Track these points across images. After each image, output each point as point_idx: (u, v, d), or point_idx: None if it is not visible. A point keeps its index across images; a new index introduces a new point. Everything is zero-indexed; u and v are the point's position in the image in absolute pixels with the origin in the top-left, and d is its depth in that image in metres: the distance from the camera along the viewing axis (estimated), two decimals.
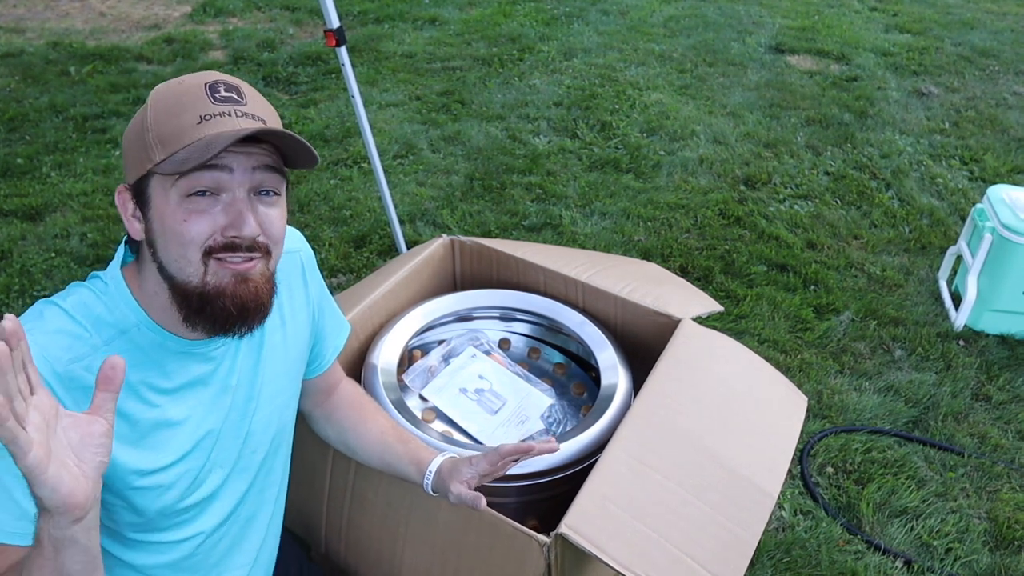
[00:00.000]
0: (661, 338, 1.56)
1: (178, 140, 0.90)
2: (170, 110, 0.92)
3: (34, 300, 2.74)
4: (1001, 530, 2.08)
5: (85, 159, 3.62)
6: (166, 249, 0.94)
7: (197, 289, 0.94)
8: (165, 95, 0.94)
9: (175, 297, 0.95)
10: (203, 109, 0.91)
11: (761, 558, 1.96)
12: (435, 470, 1.17)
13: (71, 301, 0.97)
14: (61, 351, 0.92)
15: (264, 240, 0.96)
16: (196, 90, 0.93)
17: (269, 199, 0.96)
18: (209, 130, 0.90)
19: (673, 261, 3.04)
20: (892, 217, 3.40)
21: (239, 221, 0.93)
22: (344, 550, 1.42)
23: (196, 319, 0.95)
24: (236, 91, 0.95)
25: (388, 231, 3.04)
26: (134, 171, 0.95)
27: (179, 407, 1.02)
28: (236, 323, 0.96)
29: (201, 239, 0.92)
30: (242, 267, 0.94)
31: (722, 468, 1.31)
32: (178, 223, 0.91)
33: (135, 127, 0.95)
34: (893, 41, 5.25)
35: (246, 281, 0.95)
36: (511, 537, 1.18)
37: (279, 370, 1.15)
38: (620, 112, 4.17)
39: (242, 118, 0.92)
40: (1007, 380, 2.56)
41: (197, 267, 0.93)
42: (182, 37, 4.97)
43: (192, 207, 0.91)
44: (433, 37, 5.11)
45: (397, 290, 1.70)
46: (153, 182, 0.93)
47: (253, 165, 0.93)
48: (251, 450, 1.13)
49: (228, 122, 0.91)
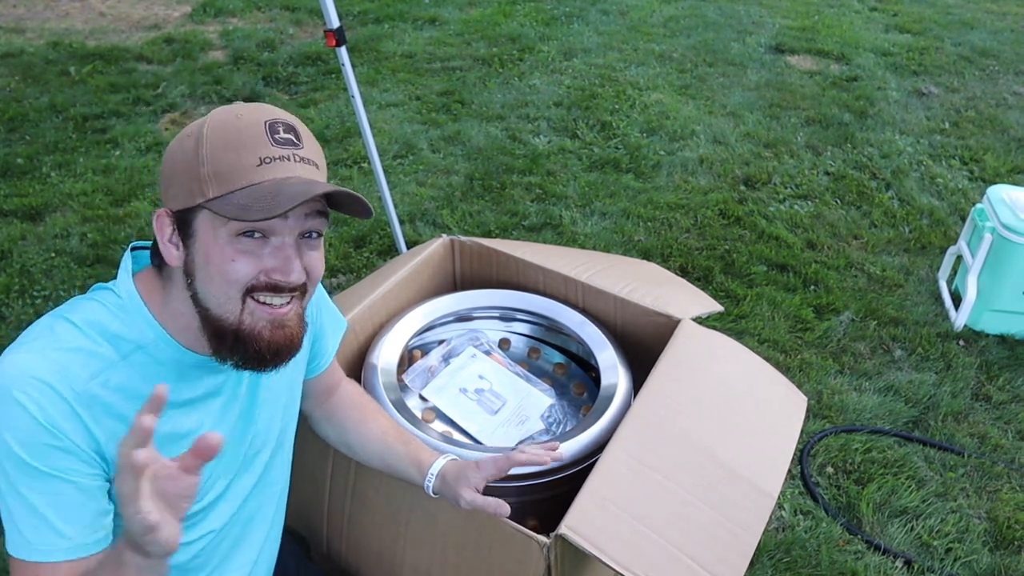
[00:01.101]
0: (661, 338, 1.56)
1: (236, 179, 0.89)
2: (229, 145, 0.90)
3: (34, 300, 2.75)
4: (1001, 530, 2.08)
5: (85, 159, 3.62)
6: (207, 283, 0.93)
7: (232, 327, 0.94)
8: (223, 128, 0.92)
9: (207, 329, 0.95)
10: (263, 151, 0.90)
11: (761, 558, 1.96)
12: (437, 473, 1.17)
13: (82, 316, 0.95)
14: (79, 369, 0.92)
15: (304, 282, 0.96)
16: (255, 127, 0.91)
17: (313, 241, 0.97)
18: (269, 174, 0.90)
19: (673, 261, 3.04)
20: (892, 217, 3.40)
21: (287, 267, 0.93)
22: (345, 549, 1.42)
23: (227, 354, 0.96)
24: (294, 132, 0.94)
25: (388, 231, 3.04)
26: (180, 200, 0.93)
27: (190, 418, 1.02)
28: (268, 364, 0.97)
29: (244, 280, 0.92)
30: (280, 312, 0.95)
31: (722, 468, 1.31)
32: (225, 262, 0.91)
33: (186, 155, 0.92)
34: (893, 41, 5.25)
35: (283, 327, 0.96)
36: (511, 537, 1.18)
37: (281, 373, 1.15)
38: (620, 112, 4.17)
39: (299, 163, 0.92)
40: (1007, 380, 2.56)
41: (236, 304, 0.93)
42: (182, 37, 4.97)
43: (241, 247, 0.91)
44: (433, 37, 5.11)
45: (397, 290, 1.70)
46: (202, 216, 0.92)
47: (306, 212, 0.93)
48: (255, 452, 1.14)
49: (287, 167, 0.91)
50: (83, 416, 0.90)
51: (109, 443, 0.93)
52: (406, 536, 1.33)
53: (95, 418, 0.92)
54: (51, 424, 0.88)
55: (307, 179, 0.92)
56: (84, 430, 0.91)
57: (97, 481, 0.93)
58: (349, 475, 1.38)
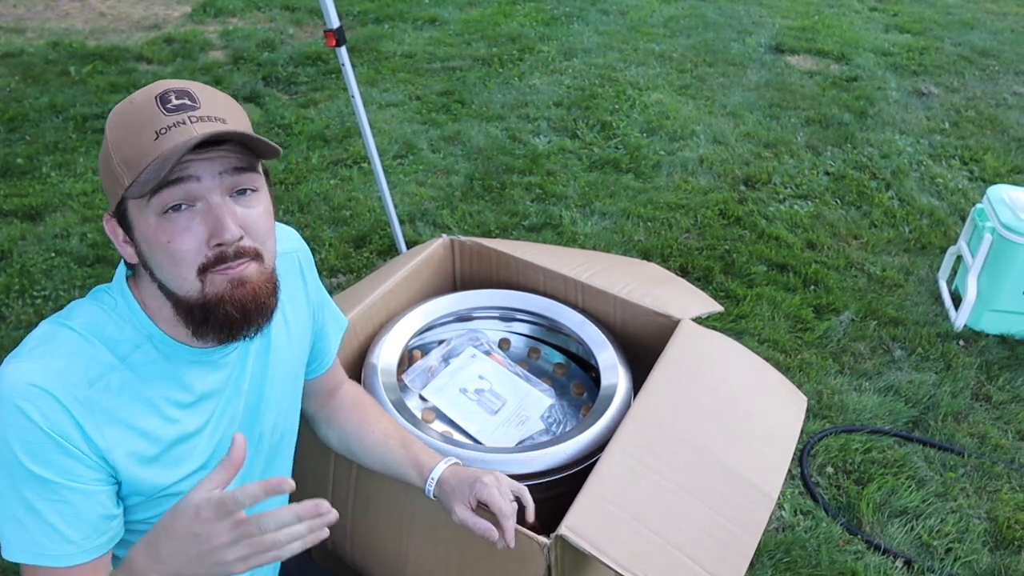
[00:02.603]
0: (661, 338, 1.56)
1: (140, 160, 0.88)
2: (127, 131, 0.90)
3: (34, 300, 2.75)
4: (1001, 530, 2.08)
5: (85, 159, 3.62)
6: (161, 269, 0.93)
7: (198, 302, 0.93)
8: (120, 117, 0.92)
9: (179, 312, 0.95)
10: (157, 123, 0.89)
11: (761, 558, 1.96)
12: (437, 477, 1.17)
13: (80, 321, 0.96)
14: (79, 375, 0.92)
15: (250, 243, 0.94)
16: (148, 106, 0.90)
17: (247, 198, 0.94)
18: (166, 144, 0.87)
19: (673, 261, 3.04)
20: (892, 217, 3.40)
21: (219, 228, 0.90)
22: (351, 548, 1.42)
23: (203, 330, 0.95)
24: (188, 96, 0.91)
25: (388, 231, 3.04)
26: (112, 198, 0.94)
27: (197, 418, 1.02)
28: (241, 326, 0.96)
29: (191, 256, 0.91)
30: (236, 271, 0.93)
31: (722, 469, 1.31)
32: (163, 243, 0.91)
33: (103, 155, 0.93)
34: (893, 41, 5.25)
35: (243, 284, 0.94)
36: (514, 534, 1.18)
37: (285, 371, 1.15)
38: (620, 112, 4.17)
39: (198, 123, 0.89)
40: (1007, 380, 2.56)
41: (194, 283, 0.92)
42: (182, 37, 4.97)
43: (171, 225, 0.90)
44: (433, 37, 5.11)
45: (397, 290, 1.70)
46: (130, 206, 0.92)
47: (219, 170, 0.91)
48: (260, 452, 1.14)
49: (183, 131, 0.88)
50: (85, 423, 0.91)
51: (112, 448, 0.93)
52: (410, 536, 1.33)
53: (97, 424, 0.92)
54: (55, 431, 0.89)
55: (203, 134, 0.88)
56: (87, 436, 0.91)
57: (102, 486, 0.93)
58: (351, 476, 1.38)
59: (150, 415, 0.97)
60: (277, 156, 0.96)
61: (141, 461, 0.96)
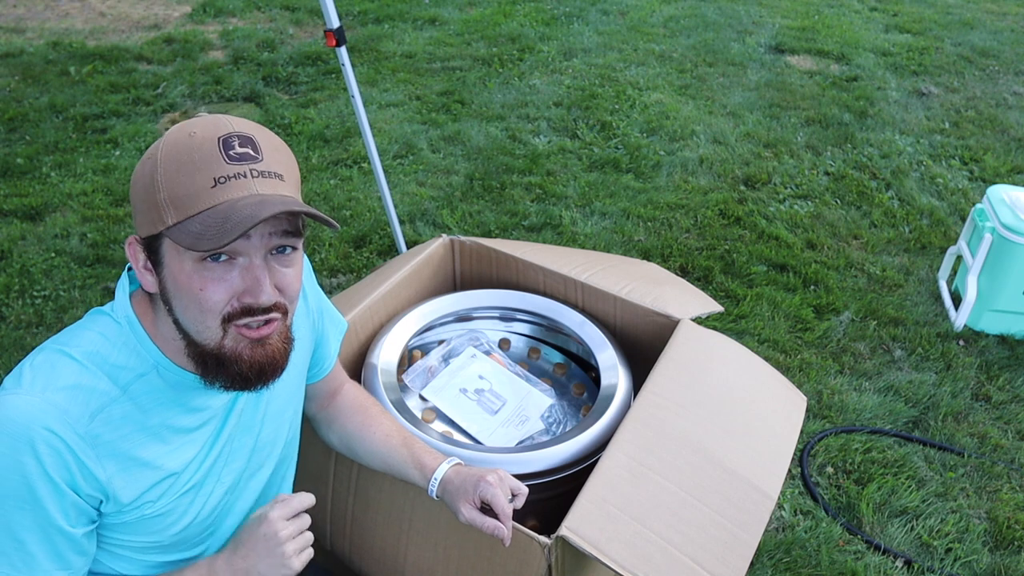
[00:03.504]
0: (661, 338, 1.56)
1: (192, 204, 0.85)
2: (182, 168, 0.86)
3: (34, 300, 2.75)
4: (1001, 530, 2.08)
5: (85, 159, 3.62)
6: (183, 311, 0.91)
7: (214, 352, 0.92)
8: (176, 150, 0.87)
9: (190, 352, 0.94)
10: (217, 170, 0.86)
11: (761, 558, 1.96)
12: (441, 477, 1.17)
13: (81, 349, 0.94)
14: (80, 409, 0.90)
15: (282, 300, 0.94)
16: (208, 145, 0.86)
17: (286, 257, 0.93)
18: (224, 195, 0.85)
19: (673, 261, 3.04)
20: (892, 217, 3.40)
21: (256, 289, 0.89)
22: (349, 547, 1.42)
23: (212, 378, 0.95)
24: (251, 144, 0.88)
25: (388, 231, 3.04)
26: (145, 227, 0.90)
27: (197, 440, 1.02)
28: (254, 384, 0.96)
29: (219, 307, 0.90)
30: (258, 333, 0.93)
31: (721, 469, 1.31)
32: (195, 290, 0.89)
33: (145, 180, 0.89)
34: (893, 41, 5.25)
35: (263, 346, 0.94)
36: (513, 539, 1.18)
37: (285, 384, 1.14)
38: (620, 112, 4.17)
39: (258, 179, 0.87)
40: (1007, 380, 2.56)
41: (216, 331, 0.91)
42: (182, 37, 4.97)
43: (208, 274, 0.88)
44: (433, 37, 5.11)
45: (397, 290, 1.70)
46: (166, 243, 0.89)
47: (270, 230, 0.89)
48: (258, 464, 1.13)
49: (244, 185, 0.86)
50: (87, 459, 0.90)
51: (112, 479, 0.93)
52: (409, 535, 1.33)
53: (99, 458, 0.92)
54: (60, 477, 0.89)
55: (264, 195, 0.87)
56: (88, 473, 0.91)
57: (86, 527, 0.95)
58: (352, 475, 1.38)
59: (151, 444, 0.97)
60: (334, 230, 0.97)
61: (140, 487, 0.96)
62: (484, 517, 1.12)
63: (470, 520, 1.12)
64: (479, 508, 1.14)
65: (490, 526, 1.11)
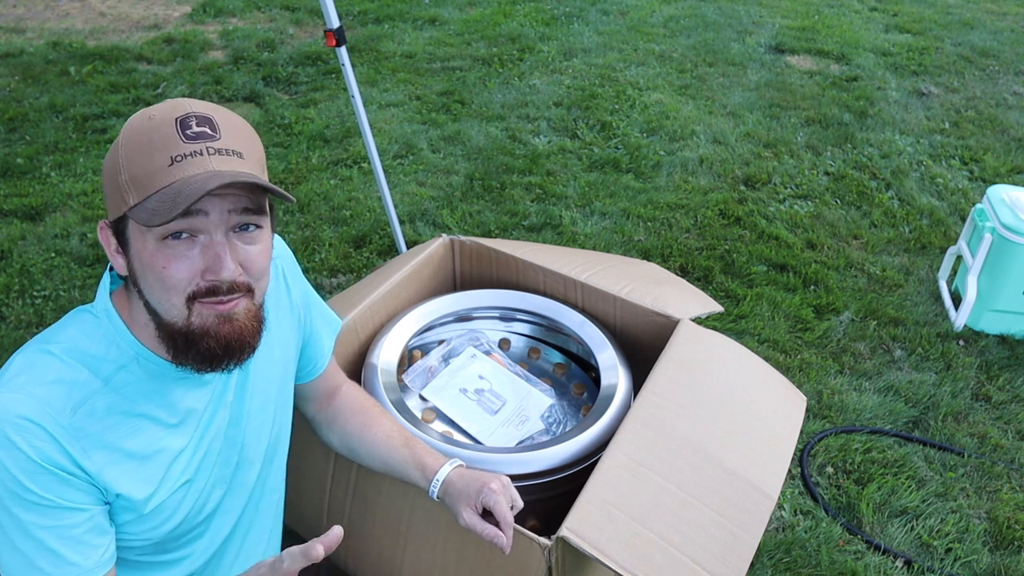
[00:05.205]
0: (661, 338, 1.56)
1: (150, 184, 0.87)
2: (141, 149, 0.88)
3: (34, 300, 2.75)
4: (1001, 530, 2.08)
5: (85, 159, 3.62)
6: (150, 290, 0.92)
7: (182, 330, 0.93)
8: (135, 131, 0.90)
9: (161, 334, 0.95)
10: (174, 149, 0.87)
11: (761, 558, 1.96)
12: (443, 479, 1.17)
13: (62, 345, 0.94)
14: (62, 402, 0.91)
15: (244, 278, 0.94)
16: (166, 127, 0.88)
17: (250, 234, 0.94)
18: (180, 173, 0.86)
19: (673, 261, 3.04)
20: (892, 217, 3.40)
21: (217, 265, 0.90)
22: (344, 551, 1.42)
23: (182, 357, 0.95)
24: (209, 124, 0.90)
25: (388, 231, 3.04)
26: (112, 210, 0.93)
27: (183, 434, 1.02)
28: (222, 361, 0.95)
29: (183, 285, 0.90)
30: (224, 307, 0.93)
31: (721, 469, 1.31)
32: (158, 268, 0.90)
33: (110, 164, 0.91)
34: (893, 41, 5.25)
35: (231, 321, 0.94)
36: (513, 540, 1.18)
37: (267, 381, 1.14)
38: (620, 112, 4.17)
39: (215, 156, 0.88)
40: (1007, 380, 2.56)
41: (181, 310, 0.92)
42: (182, 37, 4.97)
43: (170, 252, 0.89)
44: (433, 37, 5.11)
45: (397, 290, 1.70)
46: (130, 225, 0.91)
47: (229, 207, 0.90)
48: (248, 462, 1.13)
49: (200, 162, 0.87)
50: (72, 449, 0.91)
51: (101, 471, 0.93)
52: (407, 538, 1.32)
53: (84, 449, 0.92)
54: (45, 460, 0.89)
55: (218, 171, 0.87)
56: (76, 462, 0.91)
57: (97, 506, 0.94)
58: (350, 476, 1.37)
59: (136, 435, 0.97)
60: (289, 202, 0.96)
61: (130, 481, 0.96)
62: (484, 523, 1.11)
63: (470, 525, 1.12)
64: (480, 514, 1.13)
65: (490, 533, 1.10)
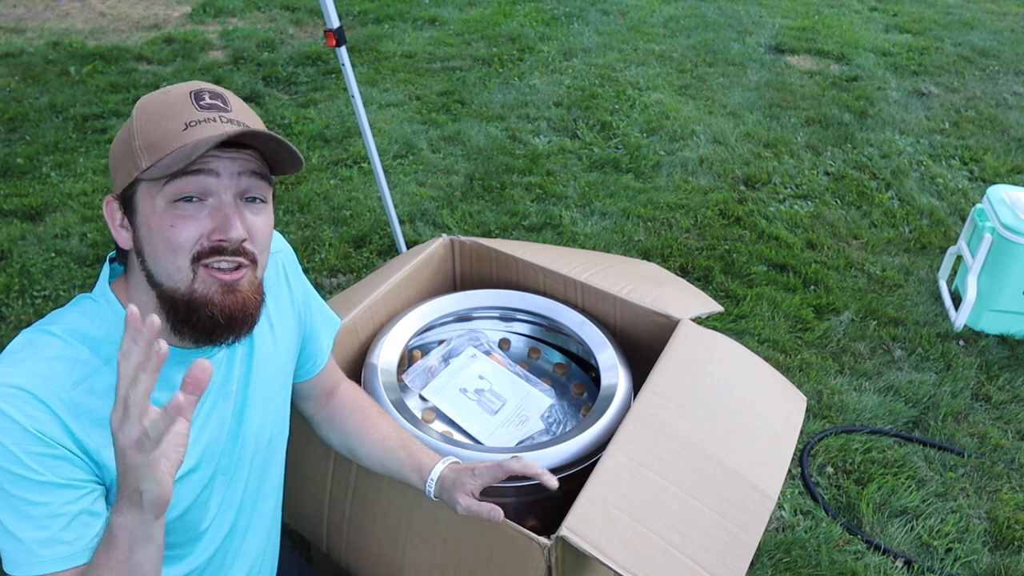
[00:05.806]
0: (661, 338, 1.56)
1: (164, 146, 0.90)
2: (156, 118, 0.93)
3: (34, 300, 2.75)
4: (1001, 530, 2.08)
5: (85, 159, 3.62)
6: (155, 256, 0.93)
7: (184, 297, 0.93)
8: (151, 104, 0.95)
9: (163, 305, 0.94)
10: (188, 116, 0.92)
11: (761, 558, 1.96)
12: (437, 477, 1.17)
13: (61, 326, 0.95)
14: (63, 377, 0.91)
15: (251, 247, 0.95)
16: (181, 99, 0.94)
17: (256, 206, 0.97)
18: (194, 135, 0.90)
19: (673, 261, 3.04)
20: (892, 217, 3.40)
21: (226, 225, 0.92)
22: (345, 550, 1.42)
23: (183, 327, 0.95)
24: (221, 99, 0.95)
25: (388, 231, 3.04)
26: (122, 180, 0.95)
27: None
28: (224, 333, 0.96)
29: (189, 244, 0.91)
30: (230, 277, 0.94)
31: (721, 469, 1.31)
32: (165, 228, 0.91)
33: (122, 137, 0.95)
34: (893, 41, 5.25)
35: (234, 292, 0.94)
36: (512, 539, 1.18)
37: (270, 375, 1.15)
38: (620, 112, 4.17)
39: (227, 124, 0.93)
40: (1007, 380, 2.56)
41: (186, 274, 0.92)
42: (182, 37, 4.97)
43: (179, 212, 0.91)
44: (433, 37, 5.11)
45: (397, 290, 1.70)
46: (140, 190, 0.93)
47: (239, 170, 0.93)
48: (247, 458, 1.13)
49: (213, 127, 0.92)
50: (71, 423, 0.90)
51: (100, 450, 0.93)
52: (407, 537, 1.32)
53: (83, 426, 0.91)
54: (40, 431, 0.88)
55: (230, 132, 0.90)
56: (73, 436, 0.90)
57: (91, 484, 0.93)
58: (350, 475, 1.37)
59: None
60: (298, 168, 0.98)
61: None
62: (479, 503, 1.10)
63: (467, 508, 1.11)
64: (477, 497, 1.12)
65: (486, 509, 1.09)
